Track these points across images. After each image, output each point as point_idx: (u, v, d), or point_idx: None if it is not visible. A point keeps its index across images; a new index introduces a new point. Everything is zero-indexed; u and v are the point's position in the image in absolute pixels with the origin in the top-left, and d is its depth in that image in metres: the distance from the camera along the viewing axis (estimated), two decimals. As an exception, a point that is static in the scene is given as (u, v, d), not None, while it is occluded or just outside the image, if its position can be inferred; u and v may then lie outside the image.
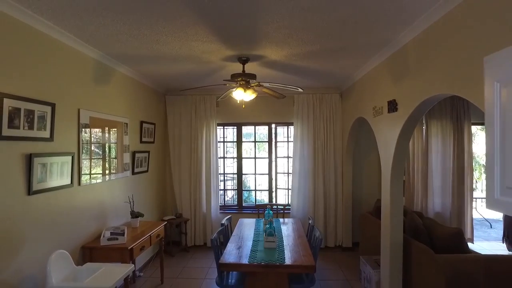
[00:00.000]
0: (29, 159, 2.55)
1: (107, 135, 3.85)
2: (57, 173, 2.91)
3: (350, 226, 5.72)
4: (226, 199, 6.39)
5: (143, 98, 4.89)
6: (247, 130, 6.39)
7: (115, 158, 4.04)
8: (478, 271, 2.88)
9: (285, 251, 3.21)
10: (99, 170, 3.67)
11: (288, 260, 2.96)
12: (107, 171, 3.84)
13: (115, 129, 4.04)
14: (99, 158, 3.68)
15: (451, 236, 3.35)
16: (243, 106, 4.48)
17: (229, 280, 3.30)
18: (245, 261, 2.95)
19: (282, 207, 5.35)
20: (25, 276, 2.53)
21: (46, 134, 2.76)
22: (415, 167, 5.87)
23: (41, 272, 2.64)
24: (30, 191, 2.57)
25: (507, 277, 2.79)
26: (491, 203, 1.36)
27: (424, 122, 5.83)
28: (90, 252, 3.28)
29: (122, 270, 2.78)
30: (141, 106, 4.81)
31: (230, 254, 3.15)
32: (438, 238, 3.47)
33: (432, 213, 5.79)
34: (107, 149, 3.85)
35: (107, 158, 3.84)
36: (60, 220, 2.98)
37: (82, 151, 3.31)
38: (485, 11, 1.97)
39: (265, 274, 2.94)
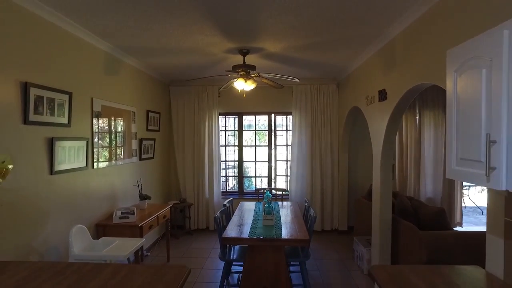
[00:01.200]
0: (51, 142, 2.84)
1: (117, 122, 4.12)
2: (74, 156, 3.20)
3: (346, 211, 6.02)
4: (227, 188, 6.69)
5: (148, 88, 5.15)
6: (247, 121, 6.64)
7: (124, 144, 4.32)
8: (455, 244, 3.18)
9: (282, 227, 3.51)
10: (110, 155, 3.95)
11: (285, 235, 3.26)
12: (117, 156, 4.12)
13: (124, 117, 4.31)
14: (109, 145, 3.95)
15: (434, 215, 3.65)
16: (244, 95, 4.74)
17: (231, 255, 3.61)
18: (245, 236, 3.25)
19: (281, 191, 5.65)
20: (50, 246, 2.83)
21: (64, 120, 3.04)
22: (408, 155, 6.15)
23: (63, 243, 2.95)
24: (52, 171, 2.86)
25: (480, 249, 3.08)
26: (450, 172, 1.64)
27: (417, 112, 6.09)
28: (103, 229, 3.58)
29: (134, 242, 3.09)
30: (147, 96, 5.07)
31: (232, 230, 3.45)
32: (423, 217, 3.77)
33: (424, 198, 6.08)
34: (117, 136, 4.13)
35: (117, 144, 4.12)
36: (77, 199, 3.27)
37: (95, 137, 3.60)
38: (453, 11, 2.23)
39: (264, 248, 3.24)
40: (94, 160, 3.58)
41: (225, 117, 6.51)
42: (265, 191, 4.51)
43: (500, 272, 1.76)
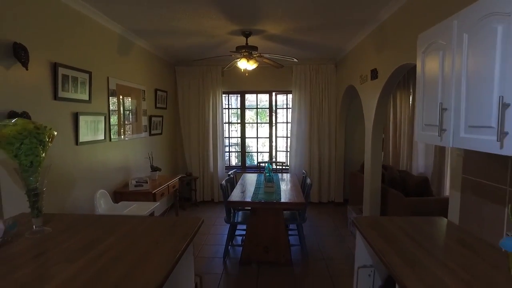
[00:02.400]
0: (76, 117, 3.20)
1: (129, 100, 4.46)
2: (94, 130, 3.57)
3: (342, 184, 6.44)
4: (230, 164, 7.08)
5: (156, 68, 5.47)
6: (249, 100, 6.95)
7: (135, 120, 4.67)
8: (436, 208, 3.57)
9: (281, 193, 3.91)
10: (124, 130, 4.31)
11: (283, 199, 3.66)
12: (130, 131, 4.48)
13: (135, 95, 4.65)
14: (123, 120, 4.30)
15: (419, 183, 4.04)
16: (246, 74, 5.06)
17: (236, 219, 4.03)
18: (248, 199, 3.65)
19: (281, 164, 6.05)
20: (78, 207, 3.25)
21: (86, 97, 3.39)
22: (401, 131, 6.48)
23: (88, 205, 3.36)
24: (77, 142, 3.24)
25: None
26: (418, 136, 2.00)
27: (411, 90, 6.37)
28: (121, 196, 3.99)
29: (150, 205, 3.50)
30: (155, 75, 5.39)
31: (236, 195, 3.86)
32: (409, 186, 4.16)
33: (416, 173, 6.44)
34: (129, 112, 4.48)
35: (129, 120, 4.48)
36: (98, 168, 3.66)
37: (111, 112, 3.95)
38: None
39: (265, 211, 3.64)
40: (111, 134, 3.95)
41: (228, 96, 6.83)
42: (266, 163, 4.89)
43: (457, 219, 2.14)
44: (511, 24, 1.18)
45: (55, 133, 2.12)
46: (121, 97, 4.21)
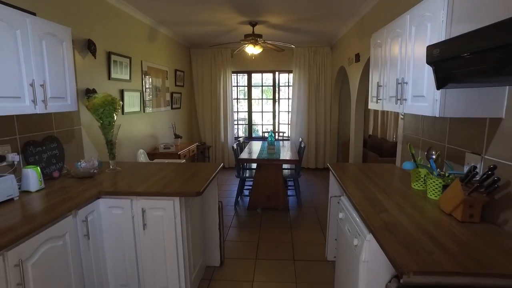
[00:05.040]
0: (122, 92, 4.16)
1: (156, 79, 5.40)
2: (133, 103, 4.53)
3: (335, 152, 7.40)
4: (239, 135, 8.05)
5: (175, 51, 6.37)
6: (255, 79, 7.83)
7: (161, 96, 5.62)
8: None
9: (281, 154, 4.90)
10: (153, 103, 5.28)
11: (282, 157, 4.65)
12: (157, 105, 5.44)
13: (160, 75, 5.58)
14: (152, 95, 5.25)
15: (392, 147, 4.98)
16: (253, 58, 5.93)
17: (245, 174, 5.04)
18: (254, 157, 4.65)
19: (282, 134, 7.01)
20: (125, 160, 4.26)
21: (127, 77, 4.33)
22: (389, 106, 7.35)
23: (132, 159, 4.37)
24: (123, 112, 4.21)
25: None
26: (369, 105, 2.93)
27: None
28: (153, 156, 5.00)
29: (179, 161, 4.50)
30: (174, 57, 6.30)
31: (245, 155, 4.85)
32: (384, 149, 5.11)
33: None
34: (156, 89, 5.42)
35: (157, 95, 5.43)
36: (136, 133, 4.66)
37: (144, 89, 4.90)
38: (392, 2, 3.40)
39: (267, 166, 4.64)
40: (144, 107, 4.91)
41: (237, 75, 7.73)
42: (269, 131, 5.85)
43: (399, 163, 3.10)
44: (403, 42, 2.10)
45: (121, 103, 3.09)
46: (150, 76, 5.15)
